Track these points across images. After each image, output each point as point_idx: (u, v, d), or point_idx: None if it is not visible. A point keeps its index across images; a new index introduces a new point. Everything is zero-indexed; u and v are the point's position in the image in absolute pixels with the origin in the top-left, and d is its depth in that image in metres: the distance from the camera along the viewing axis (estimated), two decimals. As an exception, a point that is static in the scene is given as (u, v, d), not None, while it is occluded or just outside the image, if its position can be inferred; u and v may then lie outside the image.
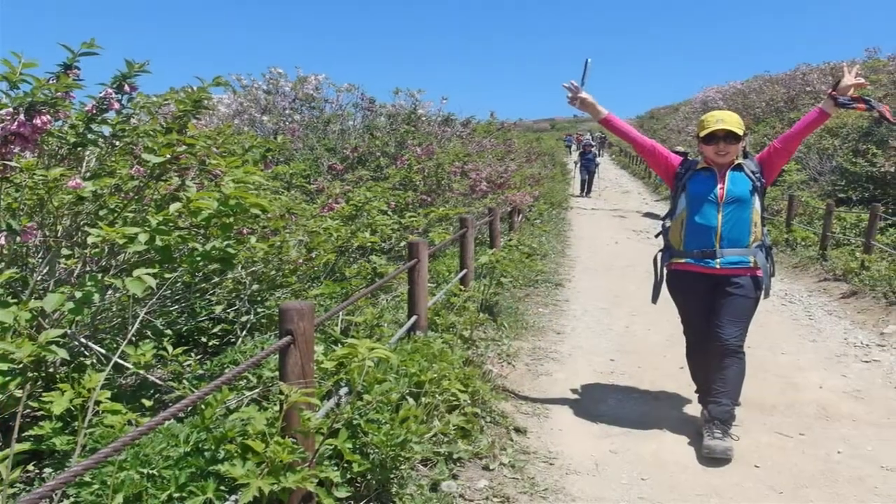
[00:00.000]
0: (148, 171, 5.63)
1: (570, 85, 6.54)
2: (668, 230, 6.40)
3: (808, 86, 35.05)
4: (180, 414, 3.27)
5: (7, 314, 4.04)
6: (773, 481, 5.42)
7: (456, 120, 22.08)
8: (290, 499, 3.82)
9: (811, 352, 8.94)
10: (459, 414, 5.75)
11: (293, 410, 3.91)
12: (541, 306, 11.32)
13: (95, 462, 2.63)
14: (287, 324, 3.93)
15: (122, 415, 4.00)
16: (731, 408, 6.01)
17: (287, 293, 7.38)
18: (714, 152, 6.04)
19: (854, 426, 6.49)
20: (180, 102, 6.02)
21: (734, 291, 5.99)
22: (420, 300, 7.23)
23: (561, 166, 46.36)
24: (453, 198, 15.46)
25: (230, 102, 17.70)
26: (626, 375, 7.93)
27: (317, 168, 15.11)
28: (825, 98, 6.07)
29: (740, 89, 46.32)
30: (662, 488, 5.31)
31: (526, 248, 15.40)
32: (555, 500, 5.08)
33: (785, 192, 20.81)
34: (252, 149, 7.67)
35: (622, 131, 6.56)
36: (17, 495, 3.84)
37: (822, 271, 14.20)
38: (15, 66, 4.70)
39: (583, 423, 6.51)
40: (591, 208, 29.07)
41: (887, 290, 11.48)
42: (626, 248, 18.20)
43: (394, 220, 10.39)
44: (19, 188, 5.31)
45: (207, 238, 5.67)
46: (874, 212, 14.01)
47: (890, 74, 28.12)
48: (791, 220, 18.08)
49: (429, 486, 4.89)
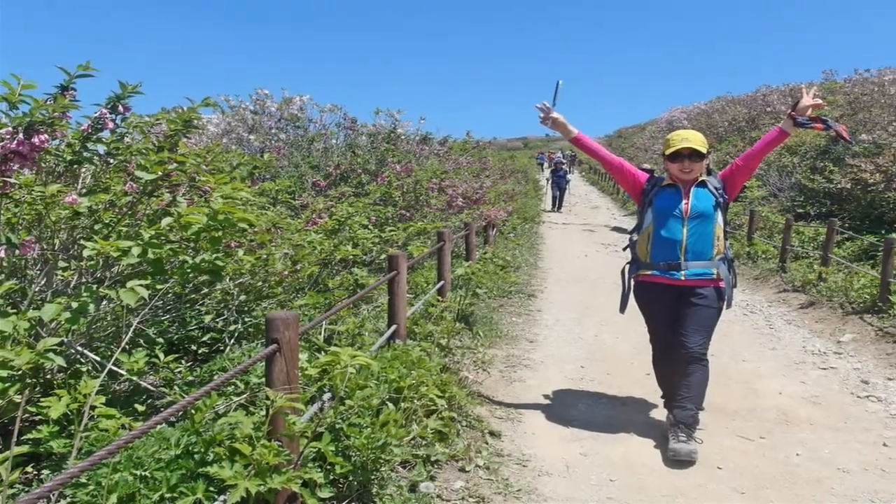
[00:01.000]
0: (141, 187, 5.64)
1: (543, 105, 6.55)
2: (635, 243, 6.42)
3: (769, 106, 35.19)
4: (171, 418, 3.28)
5: (6, 323, 4.04)
6: (736, 482, 5.44)
7: (433, 139, 22.08)
8: (276, 499, 3.84)
9: (771, 359, 8.97)
10: (437, 418, 5.76)
11: (279, 415, 3.93)
12: (514, 316, 11.31)
13: (91, 464, 2.66)
14: (273, 333, 3.95)
15: (117, 419, 4.02)
16: (696, 412, 6.03)
17: (273, 304, 7.38)
18: (679, 169, 6.07)
19: (812, 430, 6.52)
20: (171, 122, 6.03)
21: (698, 302, 6.02)
22: (399, 310, 7.25)
23: (533, 183, 46.32)
24: (431, 213, 15.46)
25: (219, 122, 17.67)
26: (595, 382, 7.94)
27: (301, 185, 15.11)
28: (784, 118, 6.11)
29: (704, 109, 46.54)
30: (630, 489, 5.33)
31: (500, 261, 15.43)
32: (528, 500, 5.10)
33: (746, 208, 20.86)
34: (239, 166, 7.68)
35: (591, 149, 6.56)
36: (17, 496, 3.84)
37: (781, 283, 14.26)
38: (14, 87, 4.70)
39: (554, 427, 6.53)
40: (562, 223, 29.02)
41: (843, 301, 11.56)
42: (596, 260, 18.19)
43: (374, 234, 10.41)
44: (18, 203, 5.30)
45: (197, 251, 5.69)
46: (831, 226, 14.06)
47: (846, 95, 28.27)
48: (752, 234, 18.11)
49: (408, 486, 4.90)
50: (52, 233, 5.56)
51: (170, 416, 3.05)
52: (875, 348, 9.31)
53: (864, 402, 7.31)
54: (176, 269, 5.50)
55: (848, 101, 27.01)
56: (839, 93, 29.65)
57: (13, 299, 5.19)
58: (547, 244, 21.68)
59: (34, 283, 5.40)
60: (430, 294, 9.33)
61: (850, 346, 9.57)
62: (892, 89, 25.72)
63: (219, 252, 5.65)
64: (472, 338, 9.23)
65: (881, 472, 5.64)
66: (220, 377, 3.66)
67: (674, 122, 46.77)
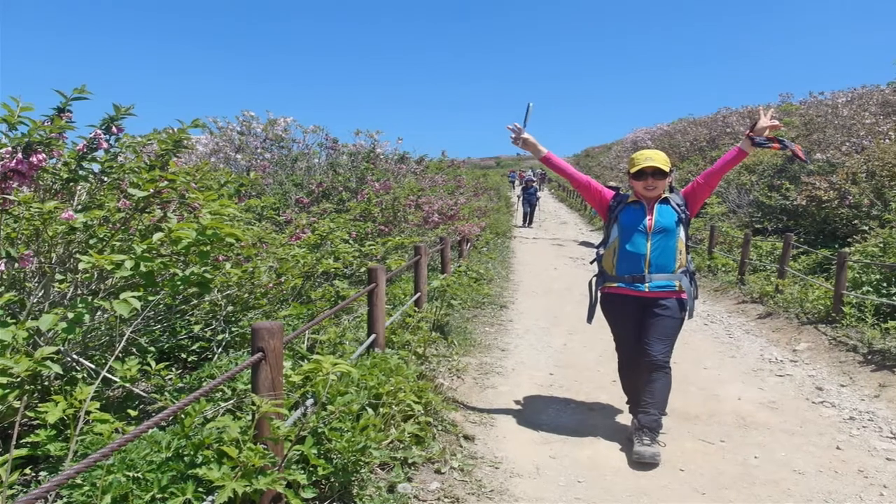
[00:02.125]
0: (133, 204, 5.65)
1: (514, 126, 6.58)
2: (601, 257, 6.45)
3: (728, 127, 35.40)
4: (163, 423, 3.29)
5: (6, 333, 4.06)
6: (697, 483, 5.47)
7: (411, 158, 22.10)
8: (262, 499, 3.86)
9: (730, 367, 9.03)
10: (414, 423, 5.78)
11: (264, 420, 3.95)
12: (487, 326, 11.32)
13: (86, 466, 2.67)
14: (259, 342, 3.97)
15: (110, 423, 4.03)
16: (659, 417, 6.06)
17: (258, 314, 7.38)
18: (643, 187, 6.11)
19: (769, 434, 6.56)
20: (162, 142, 6.05)
21: (661, 312, 6.05)
22: (378, 320, 7.26)
23: (505, 200, 46.27)
24: (408, 228, 15.47)
25: (207, 142, 17.65)
26: (564, 388, 7.96)
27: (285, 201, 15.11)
28: (743, 138, 6.15)
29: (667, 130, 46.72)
30: (597, 490, 5.35)
31: (474, 274, 15.46)
32: (500, 500, 5.11)
33: (707, 223, 20.96)
34: (227, 184, 7.68)
35: (560, 168, 6.58)
36: (16, 496, 3.85)
37: (740, 294, 14.33)
38: (13, 109, 4.73)
39: (525, 431, 6.54)
40: (532, 237, 28.99)
41: (799, 312, 11.66)
42: (564, 273, 18.21)
43: (355, 249, 10.41)
44: (17, 219, 5.31)
45: (187, 264, 5.69)
46: (787, 241, 14.16)
47: (801, 117, 28.50)
48: (713, 248, 18.22)
49: (386, 487, 4.92)
50: (50, 247, 5.57)
51: (161, 421, 3.07)
52: (829, 356, 9.38)
53: (819, 408, 7.37)
54: (167, 282, 5.51)
55: (803, 122, 27.24)
56: (795, 114, 29.87)
57: (12, 310, 5.20)
58: (518, 258, 21.69)
59: (32, 295, 5.40)
60: (407, 305, 9.35)
61: (805, 354, 9.65)
62: (845, 111, 25.98)
63: (207, 265, 5.67)
64: (447, 346, 9.25)
65: (834, 474, 5.68)
66: (208, 384, 3.68)
67: (638, 142, 46.95)
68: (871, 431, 6.68)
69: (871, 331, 9.65)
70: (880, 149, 18.76)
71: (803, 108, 31.79)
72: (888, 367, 8.48)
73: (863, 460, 5.99)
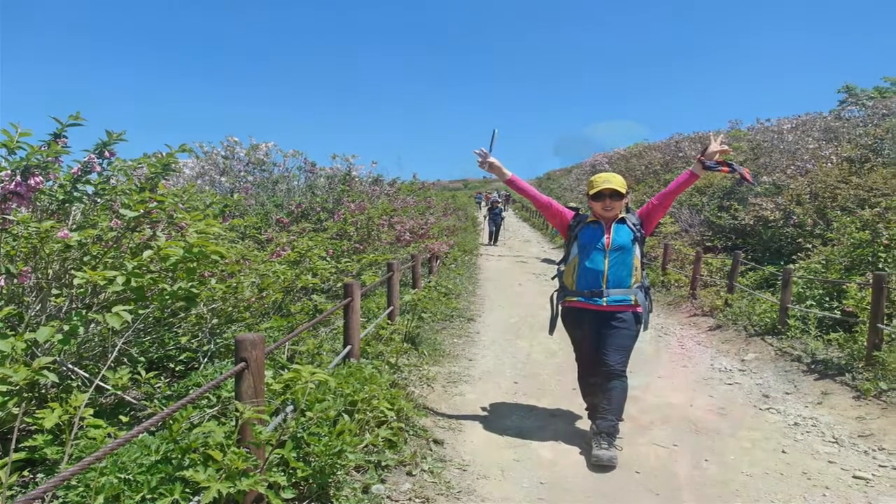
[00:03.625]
0: (125, 223, 5.68)
1: (480, 151, 6.63)
2: (562, 273, 6.51)
3: (681, 152, 35.56)
4: (152, 428, 3.33)
5: (6, 344, 4.08)
6: (652, 485, 5.51)
7: (384, 180, 22.09)
8: (245, 499, 3.88)
9: (683, 376, 9.09)
10: (387, 428, 5.79)
11: (247, 425, 3.98)
12: (455, 337, 11.35)
13: (80, 468, 2.70)
14: (242, 352, 4.00)
15: (103, 429, 4.04)
16: (616, 423, 6.10)
17: (242, 326, 7.38)
18: (601, 208, 6.18)
19: (719, 438, 6.60)
20: (152, 166, 6.08)
21: (618, 325, 6.10)
22: (354, 332, 7.28)
23: (472, 220, 46.26)
24: (382, 246, 15.47)
25: (194, 166, 17.59)
26: (527, 395, 7.99)
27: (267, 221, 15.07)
28: (695, 162, 6.23)
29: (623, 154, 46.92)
30: (558, 490, 5.38)
31: (443, 289, 15.51)
32: (467, 500, 5.14)
33: (661, 241, 20.98)
34: (212, 205, 7.70)
35: (524, 190, 6.62)
36: (15, 496, 3.86)
37: (692, 308, 14.37)
38: (13, 134, 4.75)
39: (491, 436, 6.57)
40: (497, 255, 28.93)
41: (747, 324, 11.76)
42: (528, 288, 18.19)
43: (332, 265, 10.42)
44: (16, 238, 5.31)
45: (175, 280, 5.70)
46: (736, 258, 14.27)
47: (749, 142, 28.70)
48: (666, 265, 18.26)
49: (361, 488, 4.94)
50: (46, 264, 5.58)
51: (150, 427, 3.10)
52: (775, 366, 9.46)
53: (765, 414, 7.44)
54: (156, 296, 5.53)
55: (751, 146, 27.46)
56: (743, 140, 30.07)
57: (11, 323, 5.19)
58: (484, 274, 21.67)
59: (30, 309, 5.40)
60: (381, 318, 9.36)
61: (752, 363, 9.73)
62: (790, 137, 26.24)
63: (194, 281, 5.68)
64: (418, 357, 9.27)
65: (780, 476, 5.73)
66: (194, 392, 3.71)
67: (597, 165, 47.09)
68: (814, 436, 6.74)
69: (815, 342, 9.77)
70: (823, 172, 19.01)
71: (751, 133, 31.98)
72: (830, 376, 8.57)
73: (807, 463, 6.04)
